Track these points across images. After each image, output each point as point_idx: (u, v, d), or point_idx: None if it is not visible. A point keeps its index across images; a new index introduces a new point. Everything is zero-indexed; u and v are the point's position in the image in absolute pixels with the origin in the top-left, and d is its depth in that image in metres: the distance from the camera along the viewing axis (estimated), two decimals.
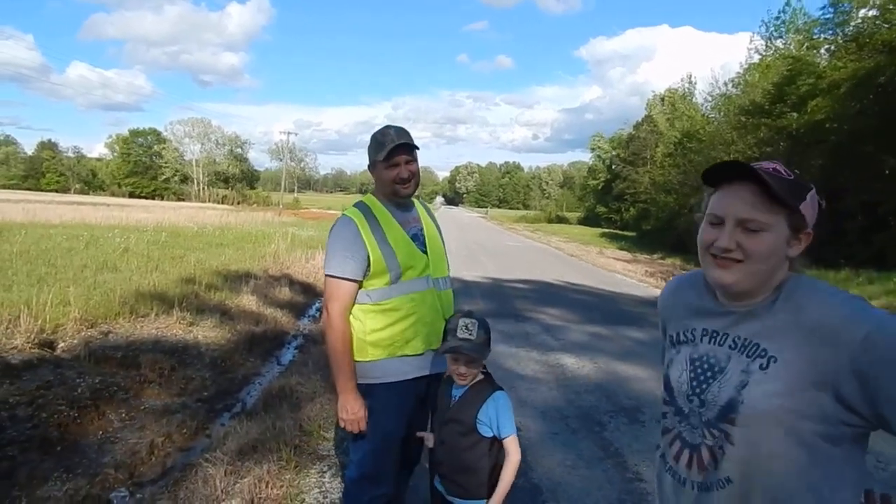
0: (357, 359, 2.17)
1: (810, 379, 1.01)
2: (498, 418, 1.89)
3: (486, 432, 1.90)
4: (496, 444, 1.91)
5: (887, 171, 17.00)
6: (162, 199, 75.19)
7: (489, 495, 1.91)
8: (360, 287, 2.16)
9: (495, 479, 1.92)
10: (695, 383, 1.16)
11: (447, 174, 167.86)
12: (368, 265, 2.13)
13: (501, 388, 1.98)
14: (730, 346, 1.12)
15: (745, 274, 1.08)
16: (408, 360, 2.18)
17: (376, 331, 2.15)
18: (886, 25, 18.19)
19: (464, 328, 1.91)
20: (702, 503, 1.14)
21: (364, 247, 2.12)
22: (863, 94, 18.17)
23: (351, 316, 2.18)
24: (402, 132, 2.23)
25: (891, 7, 17.77)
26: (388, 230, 2.18)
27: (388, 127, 2.25)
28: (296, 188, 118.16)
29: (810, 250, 1.16)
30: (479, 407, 1.90)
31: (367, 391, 2.17)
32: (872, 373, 0.96)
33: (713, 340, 1.16)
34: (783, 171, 1.10)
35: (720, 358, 1.13)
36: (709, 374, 1.14)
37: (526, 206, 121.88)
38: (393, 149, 2.16)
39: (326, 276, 2.17)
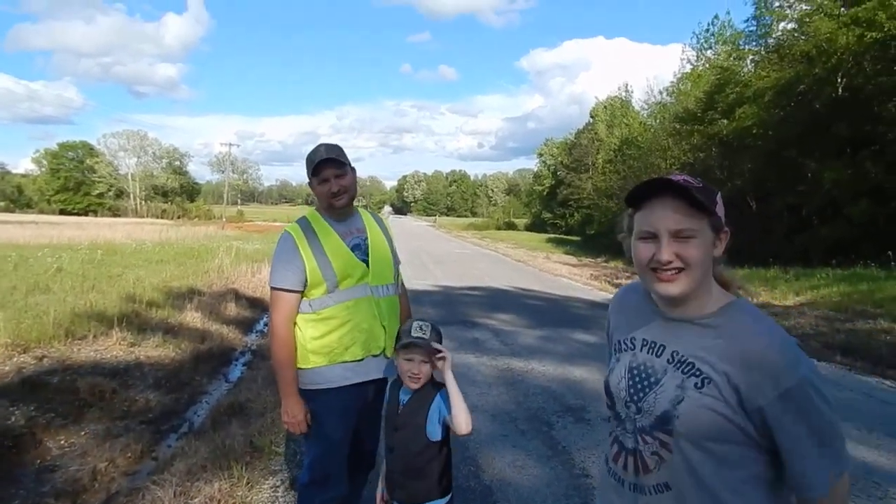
0: (300, 366, 2.28)
1: (737, 401, 1.12)
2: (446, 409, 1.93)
3: (436, 435, 1.94)
4: (444, 447, 1.96)
5: (809, 175, 18.13)
6: (96, 215, 71.70)
7: (440, 496, 1.96)
8: (302, 297, 2.27)
9: (446, 482, 1.97)
10: (632, 391, 1.23)
11: (394, 183, 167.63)
12: (306, 276, 2.24)
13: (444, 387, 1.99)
14: (667, 360, 1.20)
15: (688, 281, 1.15)
16: (348, 367, 2.28)
17: (315, 339, 2.26)
18: (804, 37, 19.46)
19: (417, 328, 1.98)
20: None
21: (301, 259, 2.24)
22: (785, 101, 19.33)
23: (295, 326, 2.29)
24: (331, 148, 2.34)
25: (807, 20, 19.01)
26: (325, 242, 2.29)
27: (319, 145, 2.37)
28: (239, 200, 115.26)
29: (742, 249, 1.27)
30: (427, 409, 1.94)
31: (311, 397, 2.27)
32: (784, 418, 1.10)
33: (651, 351, 1.23)
34: (693, 181, 1.17)
35: (657, 369, 1.21)
36: (645, 383, 1.21)
37: (474, 214, 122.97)
38: (318, 164, 2.28)
39: (270, 288, 2.31)
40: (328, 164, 2.28)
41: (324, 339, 2.25)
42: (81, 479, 3.67)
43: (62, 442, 4.16)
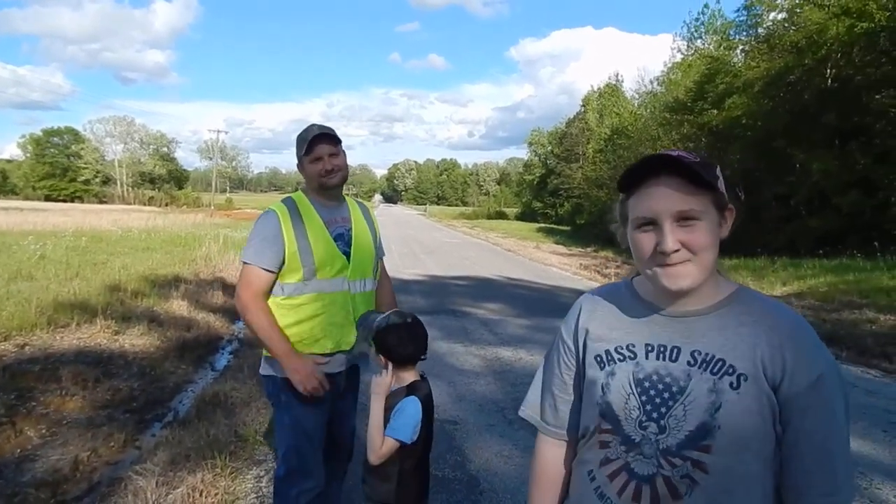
0: (267, 354, 2.21)
1: (767, 393, 1.00)
2: (393, 417, 1.82)
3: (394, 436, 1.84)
4: (404, 449, 1.83)
5: (798, 165, 18.23)
6: (82, 201, 70.98)
7: (399, 502, 1.86)
8: (275, 279, 2.18)
9: (405, 486, 1.86)
10: (649, 407, 1.05)
11: (385, 172, 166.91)
12: (284, 258, 2.16)
13: (416, 396, 1.87)
14: (688, 363, 1.03)
15: (698, 271, 1.01)
16: (317, 359, 2.20)
17: (286, 327, 2.17)
18: (794, 28, 19.50)
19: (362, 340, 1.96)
20: None
21: (282, 239, 2.15)
22: (774, 91, 19.42)
23: None
24: (324, 127, 2.27)
25: (798, 10, 19.06)
26: (309, 226, 2.20)
27: (311, 125, 2.29)
28: (228, 188, 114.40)
29: (730, 239, 1.10)
30: (390, 412, 1.85)
31: (282, 385, 2.19)
32: (809, 407, 0.99)
33: (662, 356, 1.06)
34: (689, 156, 1.03)
35: (676, 376, 1.03)
36: (666, 395, 1.03)
37: (464, 203, 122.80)
38: (313, 140, 2.20)
39: (242, 262, 2.20)
40: (322, 140, 2.20)
41: (293, 328, 2.17)
42: (62, 469, 3.60)
43: (43, 431, 4.08)
